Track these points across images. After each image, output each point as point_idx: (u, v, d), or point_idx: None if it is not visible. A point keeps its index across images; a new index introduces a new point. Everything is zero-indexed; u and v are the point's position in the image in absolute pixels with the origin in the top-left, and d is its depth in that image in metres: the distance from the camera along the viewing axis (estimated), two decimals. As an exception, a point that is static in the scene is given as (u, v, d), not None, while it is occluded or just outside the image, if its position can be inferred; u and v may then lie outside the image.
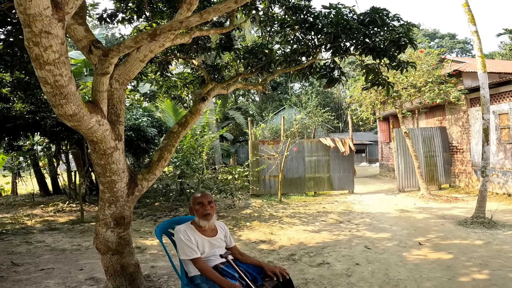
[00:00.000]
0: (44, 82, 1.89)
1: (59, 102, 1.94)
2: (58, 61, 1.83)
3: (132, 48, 2.29)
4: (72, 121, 2.05)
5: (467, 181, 10.43)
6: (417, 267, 3.90)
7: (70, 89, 1.93)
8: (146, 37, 2.17)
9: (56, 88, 1.90)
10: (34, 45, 1.76)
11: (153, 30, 2.19)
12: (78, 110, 2.02)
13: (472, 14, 6.24)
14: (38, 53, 1.78)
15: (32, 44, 1.75)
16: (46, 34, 1.73)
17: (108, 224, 2.69)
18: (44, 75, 1.86)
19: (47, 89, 1.91)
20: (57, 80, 1.87)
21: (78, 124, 2.10)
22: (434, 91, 9.07)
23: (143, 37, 2.17)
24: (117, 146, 2.48)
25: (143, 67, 5.70)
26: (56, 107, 1.97)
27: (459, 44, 38.93)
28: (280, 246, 4.97)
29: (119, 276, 2.85)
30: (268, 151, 10.35)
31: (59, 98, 1.93)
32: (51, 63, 1.82)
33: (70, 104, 1.96)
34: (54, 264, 4.16)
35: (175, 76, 6.49)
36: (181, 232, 2.35)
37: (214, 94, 3.82)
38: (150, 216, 7.38)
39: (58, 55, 1.82)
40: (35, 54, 1.79)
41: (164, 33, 2.22)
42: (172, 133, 3.12)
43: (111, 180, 2.53)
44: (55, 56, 1.81)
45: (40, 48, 1.76)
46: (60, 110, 1.97)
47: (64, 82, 1.89)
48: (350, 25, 4.06)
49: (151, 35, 2.17)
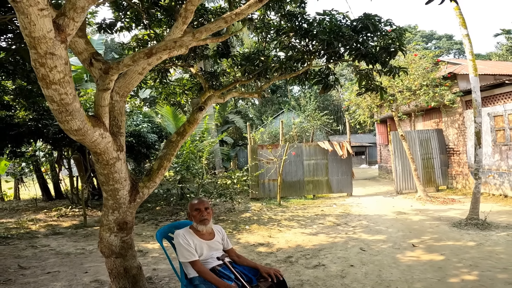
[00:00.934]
0: (51, 100, 2.02)
1: (65, 119, 2.08)
2: (63, 80, 1.96)
3: (130, 66, 2.44)
4: (77, 135, 2.20)
5: (464, 183, 10.55)
6: (409, 268, 4.03)
7: (75, 106, 2.07)
8: (143, 56, 2.33)
9: (62, 106, 2.03)
10: (40, 66, 1.88)
11: (149, 49, 2.34)
12: (83, 125, 2.16)
13: (463, 18, 6.30)
14: (44, 73, 1.90)
15: (39, 65, 1.88)
16: (51, 55, 1.86)
17: (112, 229, 2.83)
18: (50, 94, 1.99)
19: (53, 106, 2.05)
20: (63, 99, 2.01)
21: (83, 138, 2.25)
22: (429, 94, 9.22)
23: (140, 56, 2.32)
24: (119, 156, 2.63)
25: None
26: (62, 123, 2.12)
27: (456, 45, 39.12)
28: (278, 248, 5.11)
29: (123, 278, 2.99)
30: (267, 155, 10.49)
31: (65, 115, 2.07)
32: (57, 83, 1.95)
33: (75, 120, 2.11)
34: (60, 267, 4.31)
35: (174, 83, 6.64)
36: (180, 236, 2.50)
37: (211, 103, 3.97)
38: (152, 220, 7.52)
39: (63, 74, 1.95)
40: (42, 74, 1.91)
41: (159, 51, 2.37)
42: (171, 142, 3.27)
43: (114, 188, 2.68)
44: (60, 76, 1.93)
45: (46, 68, 1.88)
46: (66, 125, 2.12)
47: (69, 100, 2.03)
48: (343, 32, 4.21)
49: (147, 54, 2.33)
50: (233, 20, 2.41)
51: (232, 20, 2.40)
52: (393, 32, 4.35)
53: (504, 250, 4.50)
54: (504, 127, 8.88)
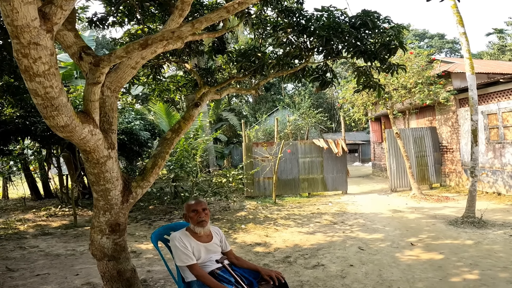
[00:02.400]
0: (34, 94, 1.86)
1: (51, 114, 1.93)
2: (48, 72, 1.81)
3: (123, 58, 2.29)
4: (64, 132, 2.05)
5: (457, 181, 10.62)
6: (410, 267, 3.98)
7: (61, 101, 1.92)
8: (138, 47, 2.18)
9: (47, 100, 1.88)
10: (23, 57, 1.73)
11: (145, 40, 2.20)
12: (70, 121, 2.01)
13: (460, 16, 6.32)
14: (27, 65, 1.75)
15: (21, 55, 1.73)
16: (35, 45, 1.71)
17: (103, 231, 2.69)
18: (34, 87, 1.83)
19: (38, 101, 1.89)
20: (48, 92, 1.85)
21: (71, 135, 2.10)
22: (424, 92, 9.22)
23: (134, 47, 2.18)
24: (110, 154, 2.48)
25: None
26: (47, 119, 1.96)
27: (448, 44, 39.58)
28: (275, 248, 5.01)
29: (116, 281, 2.85)
30: (262, 153, 10.39)
31: (50, 110, 1.91)
32: (41, 75, 1.80)
33: (62, 116, 1.95)
34: (50, 269, 4.14)
35: (168, 79, 6.48)
36: (177, 239, 2.37)
37: (207, 99, 3.84)
38: (145, 220, 7.35)
39: (48, 66, 1.79)
40: (25, 66, 1.76)
41: (155, 42, 2.23)
42: (166, 139, 3.13)
43: (105, 189, 2.53)
44: (44, 67, 1.78)
45: (29, 59, 1.74)
46: (52, 121, 1.96)
47: (55, 93, 1.88)
48: (342, 28, 4.11)
49: (142, 45, 2.18)
50: (236, 9, 2.28)
51: (235, 9, 2.27)
52: (391, 29, 4.28)
53: (502, 249, 4.48)
54: (498, 125, 8.94)
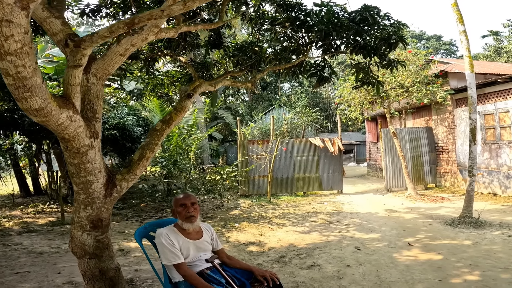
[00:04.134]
0: (5, 73, 1.73)
1: (23, 96, 1.78)
2: (20, 51, 1.69)
3: (107, 38, 2.11)
4: (39, 116, 1.88)
5: (453, 181, 10.57)
6: (408, 268, 3.85)
7: (34, 82, 1.77)
8: (123, 26, 2.01)
9: (18, 80, 1.74)
10: None
11: (131, 19, 2.02)
12: (45, 105, 1.85)
13: (460, 14, 6.30)
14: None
15: None
16: (7, 23, 1.59)
17: (84, 227, 2.50)
18: (5, 66, 1.70)
19: (9, 81, 1.75)
20: (20, 72, 1.72)
21: (46, 120, 1.93)
22: (421, 91, 9.14)
23: (119, 26, 2.00)
24: (93, 144, 2.30)
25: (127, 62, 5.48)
26: (20, 101, 1.81)
27: (444, 46, 39.81)
28: (269, 247, 4.85)
29: (98, 280, 2.67)
30: (257, 151, 10.22)
31: (23, 91, 1.77)
32: (13, 54, 1.67)
33: (35, 98, 1.80)
34: (31, 267, 3.94)
35: (162, 74, 6.30)
36: (163, 235, 2.20)
37: (200, 90, 3.66)
38: (136, 218, 7.15)
39: (20, 45, 1.67)
40: None
41: (143, 21, 2.05)
42: (155, 131, 2.95)
43: (86, 181, 2.35)
44: (17, 46, 1.66)
45: (0, 37, 1.61)
46: (25, 104, 1.81)
47: (27, 74, 1.73)
48: (341, 22, 3.99)
49: (128, 24, 2.01)
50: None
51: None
52: (391, 26, 4.17)
53: (501, 249, 4.38)
54: (495, 125, 8.89)
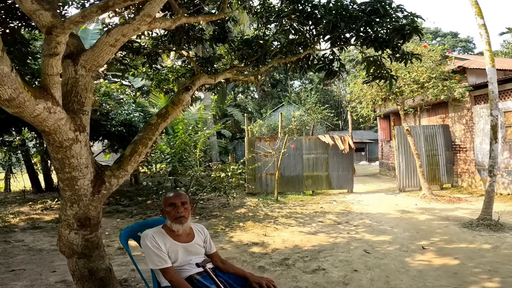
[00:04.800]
0: None
1: None
2: None
3: (79, 23, 1.96)
4: (11, 107, 1.75)
5: (470, 181, 10.10)
6: (421, 274, 3.58)
7: (1, 70, 1.64)
8: (96, 10, 1.85)
9: None
10: None
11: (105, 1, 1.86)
12: (16, 94, 1.70)
13: (479, 7, 6.06)
14: None
15: None
16: None
17: (71, 225, 2.37)
18: None
19: None
20: None
21: (20, 111, 1.79)
22: (438, 87, 8.72)
23: (92, 10, 1.85)
24: (78, 138, 2.15)
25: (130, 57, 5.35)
26: None
27: (461, 43, 38.57)
28: (273, 249, 4.65)
29: (88, 281, 2.54)
30: (265, 148, 10.02)
31: None
32: None
33: (4, 87, 1.66)
34: (27, 265, 3.88)
35: (166, 69, 6.19)
36: (148, 238, 2.03)
37: (199, 83, 3.49)
38: (140, 215, 7.07)
39: None
40: None
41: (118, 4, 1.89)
42: (150, 125, 2.79)
43: (71, 177, 2.21)
44: None
45: None
46: None
47: None
48: (350, 13, 3.75)
49: (102, 7, 1.85)
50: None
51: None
52: (404, 18, 3.89)
53: (524, 255, 4.05)
54: (516, 123, 8.41)
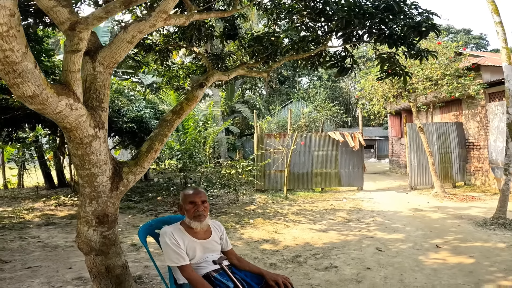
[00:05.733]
0: None
1: (14, 81, 1.67)
2: (6, 34, 1.58)
3: (103, 19, 1.98)
4: (34, 104, 1.77)
5: (484, 179, 9.92)
6: (436, 272, 3.54)
7: (25, 66, 1.66)
8: (119, 5, 1.86)
9: (7, 65, 1.64)
10: None
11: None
12: (39, 91, 1.73)
13: (495, 5, 6.02)
14: None
15: None
16: None
17: (90, 222, 2.40)
18: None
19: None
20: (8, 56, 1.61)
21: (43, 108, 1.82)
22: (452, 84, 8.55)
23: (115, 5, 1.86)
24: (97, 134, 2.18)
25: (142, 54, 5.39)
26: (12, 87, 1.71)
27: (474, 40, 37.69)
28: (284, 246, 4.65)
29: (104, 278, 2.57)
30: (274, 145, 10.00)
31: (13, 77, 1.66)
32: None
33: (28, 84, 1.69)
34: (43, 261, 3.93)
35: (177, 66, 6.23)
36: (167, 235, 2.04)
37: (213, 80, 3.49)
38: (151, 211, 7.15)
39: (6, 27, 1.57)
40: None
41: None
42: (165, 121, 2.81)
43: (91, 173, 2.23)
44: (2, 29, 1.56)
45: None
46: (17, 90, 1.70)
47: (16, 58, 1.63)
48: (363, 9, 3.68)
49: (124, 2, 1.86)
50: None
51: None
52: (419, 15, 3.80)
53: (542, 255, 3.97)
54: (532, 120, 8.19)
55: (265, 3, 5.07)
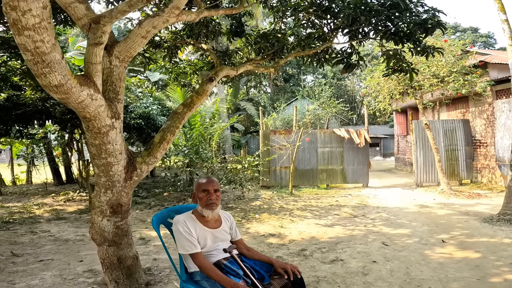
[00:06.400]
0: (24, 49, 1.71)
1: (42, 71, 1.75)
2: (38, 26, 1.66)
3: (126, 13, 2.05)
4: (59, 93, 1.85)
5: (490, 177, 9.87)
6: (442, 266, 3.57)
7: (53, 57, 1.74)
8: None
9: (37, 56, 1.71)
10: (11, 10, 1.60)
11: None
12: (65, 81, 1.81)
13: (502, 3, 6.10)
14: (16, 18, 1.62)
15: (10, 8, 1.60)
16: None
17: (104, 212, 2.48)
18: (23, 41, 1.68)
19: (27, 56, 1.73)
20: (38, 47, 1.69)
21: (66, 97, 1.90)
22: (459, 81, 8.51)
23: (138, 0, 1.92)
24: (114, 124, 2.25)
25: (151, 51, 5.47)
26: (39, 77, 1.79)
27: (481, 38, 37.24)
28: (290, 240, 4.71)
29: (116, 269, 2.65)
30: (279, 141, 10.04)
31: (41, 67, 1.74)
32: (31, 28, 1.65)
33: (55, 74, 1.77)
34: (55, 255, 4.02)
35: (185, 62, 6.30)
36: (180, 223, 2.10)
37: (222, 74, 3.56)
38: (158, 207, 7.25)
39: (38, 19, 1.65)
40: (13, 19, 1.63)
41: None
42: (176, 113, 2.87)
43: (107, 163, 2.31)
44: (35, 20, 1.63)
45: (18, 12, 1.60)
46: (44, 80, 1.78)
47: (46, 49, 1.70)
48: (370, 7, 3.71)
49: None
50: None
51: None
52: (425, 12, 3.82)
53: (548, 250, 3.97)
54: (540, 117, 8.13)
55: (272, 0, 5.11)
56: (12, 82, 7.62)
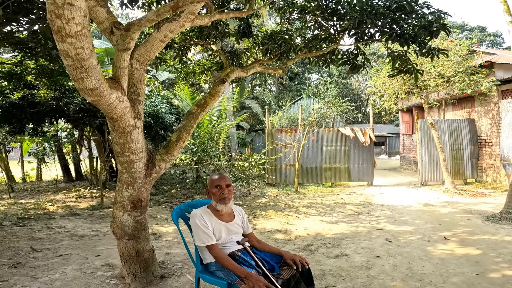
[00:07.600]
0: (65, 55, 1.87)
1: (80, 76, 1.92)
2: (80, 33, 1.81)
3: (153, 22, 2.22)
4: (92, 96, 2.02)
5: (495, 176, 9.91)
6: (443, 262, 3.71)
7: (91, 63, 1.91)
8: (168, 9, 2.10)
9: (77, 61, 1.87)
10: (56, 17, 1.74)
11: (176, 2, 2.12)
12: (99, 85, 1.98)
13: (507, 4, 6.22)
14: (60, 26, 1.77)
15: (55, 16, 1.74)
16: (69, 5, 1.71)
17: (125, 207, 2.66)
18: (65, 48, 1.84)
19: (68, 62, 1.89)
20: (79, 53, 1.85)
21: (98, 99, 2.07)
22: (464, 81, 8.57)
23: (165, 9, 2.10)
24: (136, 124, 2.43)
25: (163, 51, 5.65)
26: (77, 81, 1.96)
27: (489, 37, 36.84)
28: (296, 236, 4.88)
29: (134, 262, 2.83)
30: (285, 140, 10.19)
31: (80, 72, 1.91)
32: (73, 36, 1.80)
33: (91, 78, 1.94)
34: (73, 250, 4.21)
35: (194, 62, 6.45)
36: (197, 217, 2.28)
37: (233, 76, 3.72)
38: (167, 203, 7.45)
39: (80, 27, 1.80)
40: (57, 27, 1.78)
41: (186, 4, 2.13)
42: (191, 114, 3.05)
43: (130, 160, 2.49)
44: (77, 28, 1.78)
45: (62, 20, 1.75)
46: (81, 84, 1.95)
47: (85, 55, 1.87)
48: (376, 10, 3.82)
49: (173, 7, 2.10)
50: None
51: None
52: (431, 14, 3.91)
53: (548, 248, 4.08)
54: (546, 117, 8.16)
55: (279, 1, 5.23)
56: (26, 82, 7.87)
